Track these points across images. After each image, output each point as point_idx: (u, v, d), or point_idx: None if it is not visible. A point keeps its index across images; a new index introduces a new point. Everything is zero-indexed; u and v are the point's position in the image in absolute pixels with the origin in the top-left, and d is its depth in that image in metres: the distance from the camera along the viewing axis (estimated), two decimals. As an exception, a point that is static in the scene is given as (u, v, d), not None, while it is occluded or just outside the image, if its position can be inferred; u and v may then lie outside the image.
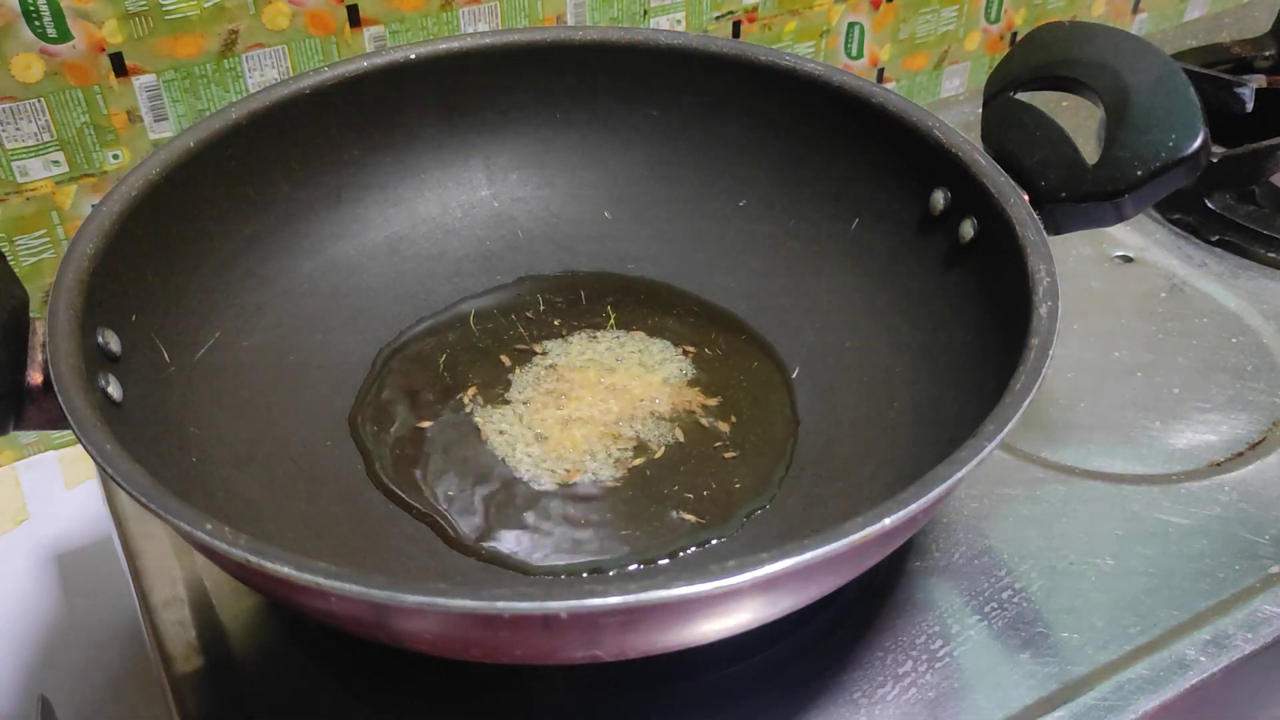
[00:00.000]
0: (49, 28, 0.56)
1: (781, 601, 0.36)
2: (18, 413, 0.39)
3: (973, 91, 0.84)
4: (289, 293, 0.52)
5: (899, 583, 0.47)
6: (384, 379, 0.52)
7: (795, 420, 0.50)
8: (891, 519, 0.33)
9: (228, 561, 0.33)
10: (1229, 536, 0.48)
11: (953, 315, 0.47)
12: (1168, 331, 0.59)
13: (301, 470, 0.47)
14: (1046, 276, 0.41)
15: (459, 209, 0.57)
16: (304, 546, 0.43)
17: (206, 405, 0.45)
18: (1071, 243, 0.55)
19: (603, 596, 0.31)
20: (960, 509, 0.49)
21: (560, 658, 0.38)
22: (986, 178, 0.46)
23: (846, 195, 0.53)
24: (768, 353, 0.53)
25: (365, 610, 0.32)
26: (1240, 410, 0.54)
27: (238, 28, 0.61)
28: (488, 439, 0.49)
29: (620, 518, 0.46)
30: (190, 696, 0.43)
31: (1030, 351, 0.38)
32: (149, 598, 0.47)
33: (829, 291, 0.53)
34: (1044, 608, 0.45)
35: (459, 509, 0.46)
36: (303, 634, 0.45)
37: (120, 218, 0.44)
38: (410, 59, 0.53)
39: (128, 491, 0.34)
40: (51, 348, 0.38)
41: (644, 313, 0.55)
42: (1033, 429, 0.53)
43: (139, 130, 0.61)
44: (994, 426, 0.36)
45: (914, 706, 0.42)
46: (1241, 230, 0.64)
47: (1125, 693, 0.42)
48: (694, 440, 0.49)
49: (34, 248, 0.61)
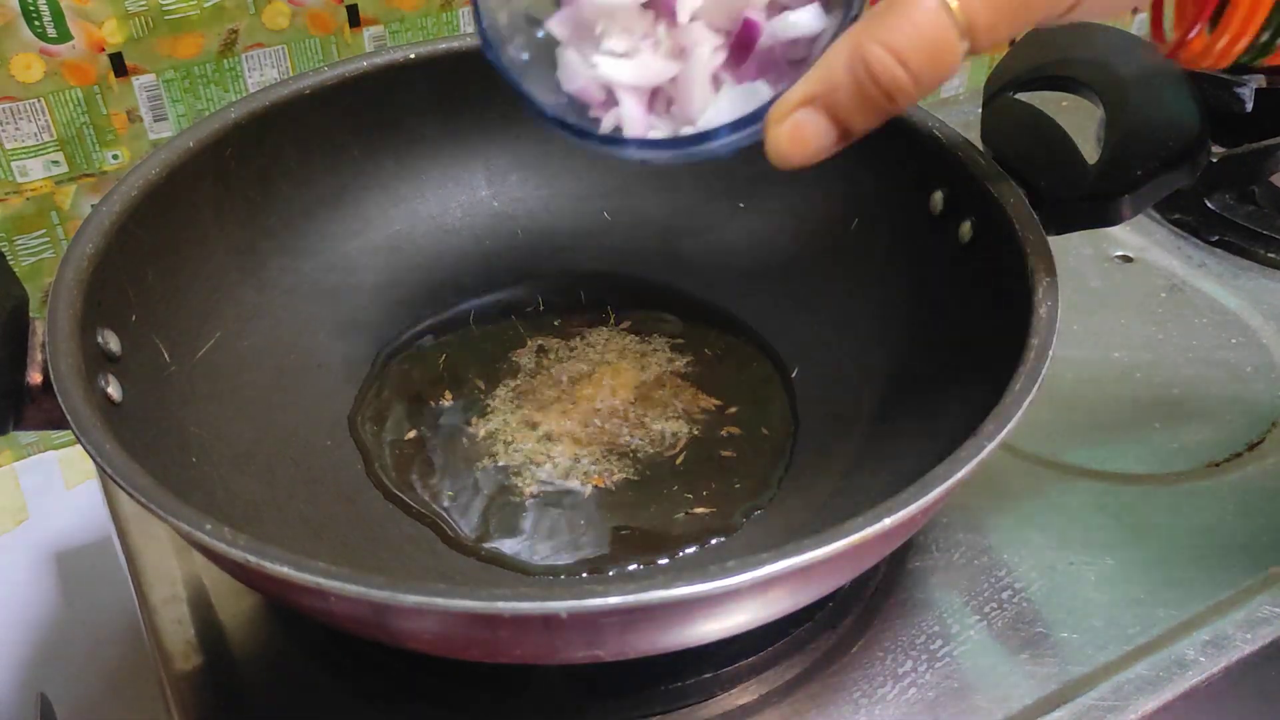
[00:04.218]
0: (49, 28, 0.56)
1: (781, 601, 0.36)
2: (17, 413, 0.39)
3: (973, 91, 0.84)
4: (289, 293, 0.52)
5: (899, 583, 0.47)
6: (384, 379, 0.52)
7: (795, 420, 0.50)
8: (891, 519, 0.33)
9: (227, 561, 0.33)
10: (1229, 536, 0.48)
11: (952, 315, 0.47)
12: (1168, 331, 0.59)
13: (301, 470, 0.47)
14: (1046, 276, 0.41)
15: (459, 209, 0.57)
16: (304, 546, 0.43)
17: (206, 405, 0.45)
18: (1071, 243, 0.55)
19: (603, 596, 0.31)
20: (960, 509, 0.49)
21: (560, 658, 0.38)
22: (986, 178, 0.46)
23: (846, 195, 0.53)
24: (768, 353, 0.53)
25: (365, 610, 0.32)
26: (1240, 410, 0.54)
27: (237, 28, 0.61)
28: (487, 439, 0.49)
29: (620, 518, 0.46)
30: (189, 695, 0.43)
31: (1030, 351, 0.38)
32: (148, 597, 0.47)
33: (829, 291, 0.53)
34: (1044, 608, 0.45)
35: (459, 509, 0.46)
36: (303, 634, 0.45)
37: (120, 218, 0.44)
38: (410, 59, 0.53)
39: (128, 491, 0.34)
40: (51, 348, 0.38)
41: (643, 313, 0.55)
42: (1033, 429, 0.53)
43: (139, 130, 0.61)
44: (994, 426, 0.36)
45: (914, 706, 0.42)
46: (1241, 230, 0.64)
47: (1125, 693, 0.42)
48: (694, 440, 0.49)
49: (34, 248, 0.61)
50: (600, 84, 0.39)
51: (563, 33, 0.39)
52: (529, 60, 0.40)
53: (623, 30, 0.38)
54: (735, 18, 0.37)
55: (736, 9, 0.37)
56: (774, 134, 0.33)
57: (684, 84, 0.38)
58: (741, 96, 0.37)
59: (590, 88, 0.39)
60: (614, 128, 0.38)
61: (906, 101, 0.32)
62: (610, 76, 0.38)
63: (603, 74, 0.38)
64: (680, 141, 0.37)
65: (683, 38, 0.38)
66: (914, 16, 0.31)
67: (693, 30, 0.38)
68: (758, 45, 0.37)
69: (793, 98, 0.33)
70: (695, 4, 0.37)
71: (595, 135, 0.38)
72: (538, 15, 0.40)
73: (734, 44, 0.37)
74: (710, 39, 0.37)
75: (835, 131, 0.33)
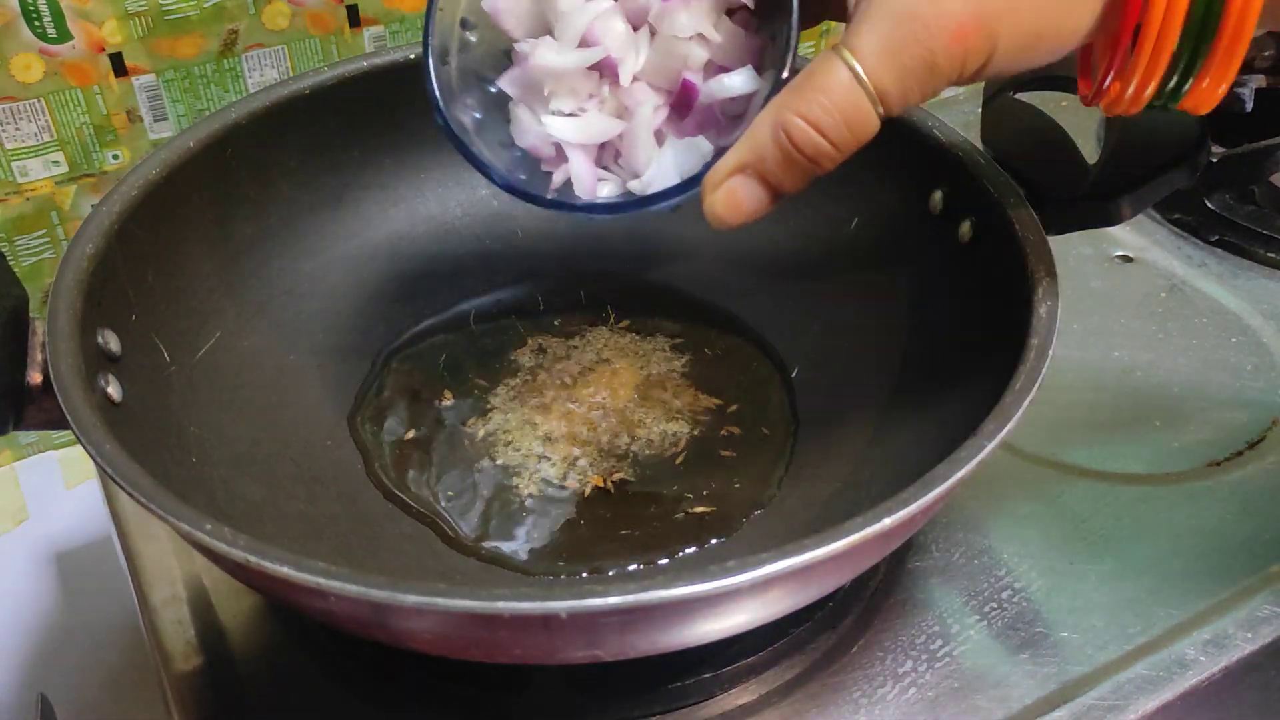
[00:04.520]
0: (49, 28, 0.56)
1: (781, 601, 0.36)
2: (17, 413, 0.39)
3: (973, 91, 0.83)
4: (289, 293, 0.52)
5: (899, 583, 0.47)
6: (384, 379, 0.52)
7: (795, 420, 0.50)
8: (891, 519, 0.33)
9: (227, 561, 0.33)
10: (1229, 536, 0.48)
11: (953, 315, 0.47)
12: (1168, 331, 0.59)
13: (301, 470, 0.47)
14: (1046, 276, 0.41)
15: (459, 209, 0.57)
16: (304, 546, 0.43)
17: (206, 405, 0.45)
18: (1071, 243, 0.55)
19: (603, 596, 0.31)
20: (960, 509, 0.49)
21: (560, 658, 0.38)
22: (986, 178, 0.46)
23: (846, 195, 0.53)
24: (768, 353, 0.53)
25: (365, 610, 0.32)
26: (1240, 410, 0.54)
27: (238, 28, 0.61)
28: (487, 439, 0.49)
29: (620, 518, 0.46)
30: (189, 695, 0.43)
31: (1030, 351, 0.38)
32: (148, 597, 0.47)
33: (829, 291, 0.53)
34: (1044, 608, 0.45)
35: (459, 509, 0.46)
36: (303, 634, 0.45)
37: (120, 218, 0.44)
38: (410, 59, 0.53)
39: (128, 491, 0.34)
40: (51, 348, 0.38)
41: (643, 313, 0.55)
42: (1033, 429, 0.53)
43: (139, 130, 0.61)
44: (994, 426, 0.36)
45: (914, 706, 0.42)
46: (1241, 230, 0.64)
47: (1125, 693, 0.42)
48: (694, 440, 0.49)
49: (34, 248, 0.61)
50: (550, 140, 0.41)
51: (513, 91, 0.42)
52: (482, 117, 0.42)
53: (569, 91, 0.41)
54: (675, 79, 0.40)
55: (675, 71, 0.39)
56: (710, 200, 0.36)
57: (629, 140, 0.40)
58: (684, 150, 0.40)
59: (541, 144, 0.41)
60: (564, 187, 0.41)
61: (831, 164, 0.35)
62: (559, 134, 0.40)
63: (552, 132, 0.40)
64: (627, 204, 0.40)
65: (626, 98, 0.40)
66: (829, 89, 0.33)
67: (635, 91, 0.40)
68: (696, 103, 0.39)
69: (725, 166, 0.36)
70: (636, 66, 0.40)
71: (544, 199, 0.40)
72: (486, 73, 0.42)
73: (674, 103, 0.40)
74: (652, 98, 0.40)
75: (767, 194, 0.36)
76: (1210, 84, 0.34)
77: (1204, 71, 0.34)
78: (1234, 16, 0.32)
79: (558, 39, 0.40)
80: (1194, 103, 0.35)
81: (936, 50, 0.33)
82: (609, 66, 0.40)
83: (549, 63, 0.40)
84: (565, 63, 0.40)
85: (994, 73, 0.34)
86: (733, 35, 0.39)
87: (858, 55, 0.33)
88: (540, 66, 0.40)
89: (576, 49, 0.40)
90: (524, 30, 0.41)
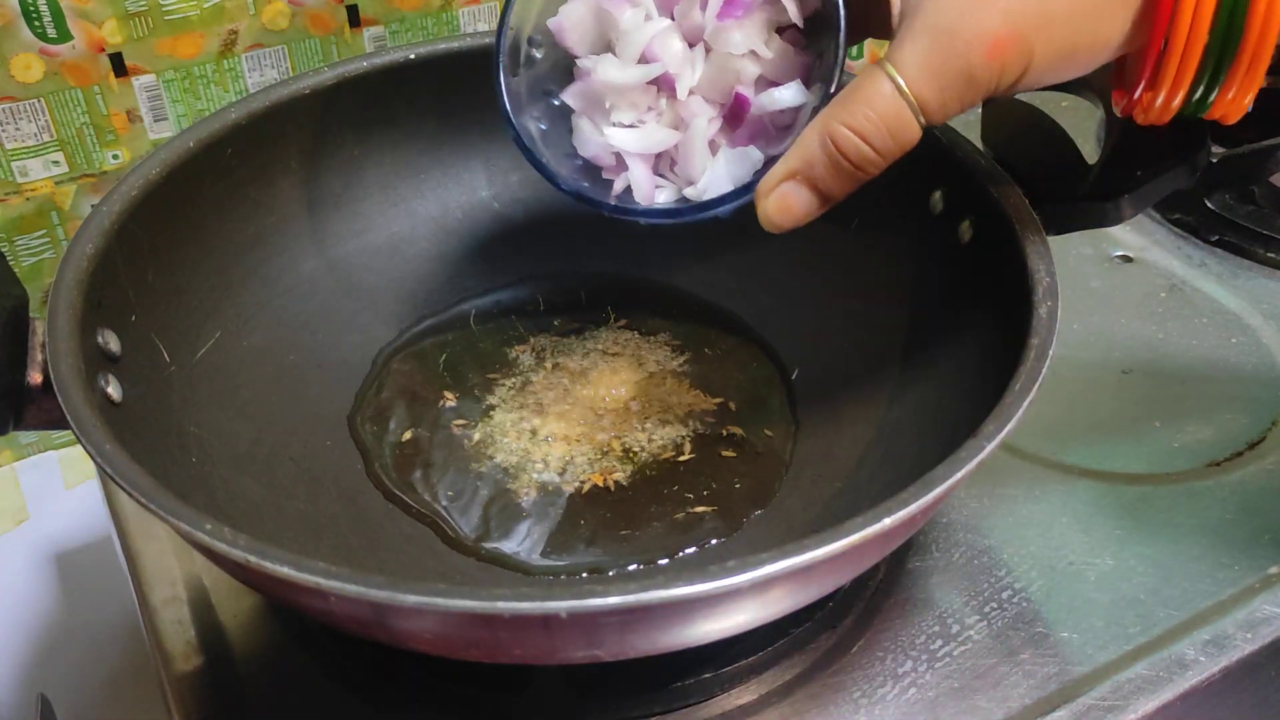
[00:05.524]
0: (49, 28, 0.56)
1: (781, 601, 0.36)
2: (18, 413, 0.39)
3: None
4: (289, 293, 0.52)
5: (899, 583, 0.47)
6: (384, 379, 0.52)
7: (795, 421, 0.50)
8: (891, 519, 0.33)
9: (228, 561, 0.33)
10: (1228, 536, 0.48)
11: (953, 315, 0.47)
12: (1168, 331, 0.59)
13: (301, 470, 0.47)
14: (1046, 276, 0.41)
15: (459, 209, 0.57)
16: (304, 546, 0.43)
17: (206, 405, 0.45)
18: (1071, 243, 0.55)
19: (603, 596, 0.31)
20: (960, 509, 0.49)
21: (560, 658, 0.38)
22: (986, 178, 0.46)
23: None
24: (768, 353, 0.53)
25: (365, 610, 0.32)
26: (1240, 410, 0.54)
27: (237, 28, 0.61)
28: (487, 439, 0.49)
29: (620, 518, 0.46)
30: (189, 695, 0.43)
31: (1030, 351, 0.38)
32: (148, 597, 0.47)
33: (829, 291, 0.53)
34: (1044, 608, 0.45)
35: (459, 509, 0.46)
36: (303, 634, 0.45)
37: (120, 218, 0.44)
38: (410, 59, 0.53)
39: (128, 491, 0.34)
40: (51, 348, 0.38)
41: (643, 313, 0.55)
42: (1033, 429, 0.53)
43: (139, 130, 0.61)
44: (994, 426, 0.36)
45: (914, 706, 0.42)
46: (1241, 230, 0.64)
47: (1125, 693, 0.42)
48: (694, 441, 0.49)
49: (34, 248, 0.61)
50: (611, 150, 0.44)
51: (576, 104, 0.45)
52: (547, 128, 0.45)
53: (629, 104, 0.44)
54: (728, 92, 0.42)
55: (729, 85, 0.42)
56: (763, 205, 0.39)
57: (685, 149, 0.43)
58: (737, 159, 0.42)
59: (602, 153, 0.44)
60: (625, 195, 0.44)
61: (876, 170, 0.37)
62: (620, 145, 0.43)
63: (613, 142, 0.43)
64: (685, 210, 0.43)
65: (682, 110, 0.43)
66: (873, 100, 0.36)
67: (691, 104, 0.43)
68: (748, 116, 0.42)
69: (777, 173, 0.38)
70: (692, 81, 0.43)
71: (607, 204, 0.43)
72: (550, 87, 0.45)
73: (727, 115, 0.43)
74: (707, 110, 0.43)
75: (816, 199, 0.38)
76: (1236, 93, 0.36)
77: (1229, 81, 0.36)
78: (1256, 28, 0.34)
79: (619, 56, 0.43)
80: (1222, 112, 0.38)
81: (974, 64, 0.35)
82: (667, 81, 0.43)
83: (611, 78, 0.43)
84: (626, 78, 0.43)
85: (1031, 84, 0.36)
86: (783, 52, 0.42)
87: (900, 69, 0.35)
88: (602, 81, 0.43)
89: (636, 65, 0.43)
90: (586, 47, 0.44)
